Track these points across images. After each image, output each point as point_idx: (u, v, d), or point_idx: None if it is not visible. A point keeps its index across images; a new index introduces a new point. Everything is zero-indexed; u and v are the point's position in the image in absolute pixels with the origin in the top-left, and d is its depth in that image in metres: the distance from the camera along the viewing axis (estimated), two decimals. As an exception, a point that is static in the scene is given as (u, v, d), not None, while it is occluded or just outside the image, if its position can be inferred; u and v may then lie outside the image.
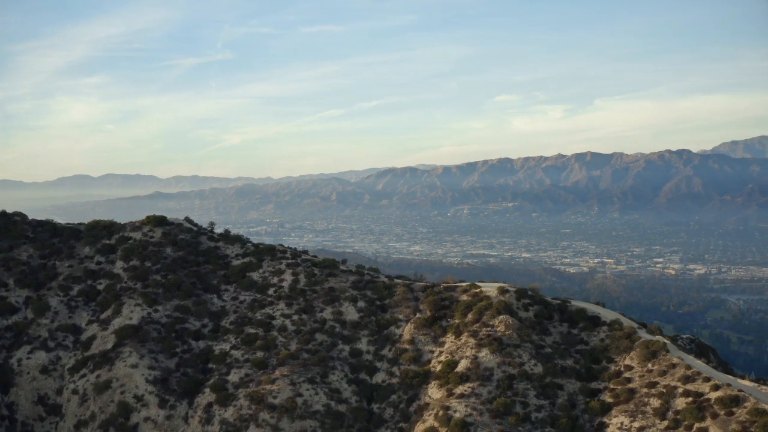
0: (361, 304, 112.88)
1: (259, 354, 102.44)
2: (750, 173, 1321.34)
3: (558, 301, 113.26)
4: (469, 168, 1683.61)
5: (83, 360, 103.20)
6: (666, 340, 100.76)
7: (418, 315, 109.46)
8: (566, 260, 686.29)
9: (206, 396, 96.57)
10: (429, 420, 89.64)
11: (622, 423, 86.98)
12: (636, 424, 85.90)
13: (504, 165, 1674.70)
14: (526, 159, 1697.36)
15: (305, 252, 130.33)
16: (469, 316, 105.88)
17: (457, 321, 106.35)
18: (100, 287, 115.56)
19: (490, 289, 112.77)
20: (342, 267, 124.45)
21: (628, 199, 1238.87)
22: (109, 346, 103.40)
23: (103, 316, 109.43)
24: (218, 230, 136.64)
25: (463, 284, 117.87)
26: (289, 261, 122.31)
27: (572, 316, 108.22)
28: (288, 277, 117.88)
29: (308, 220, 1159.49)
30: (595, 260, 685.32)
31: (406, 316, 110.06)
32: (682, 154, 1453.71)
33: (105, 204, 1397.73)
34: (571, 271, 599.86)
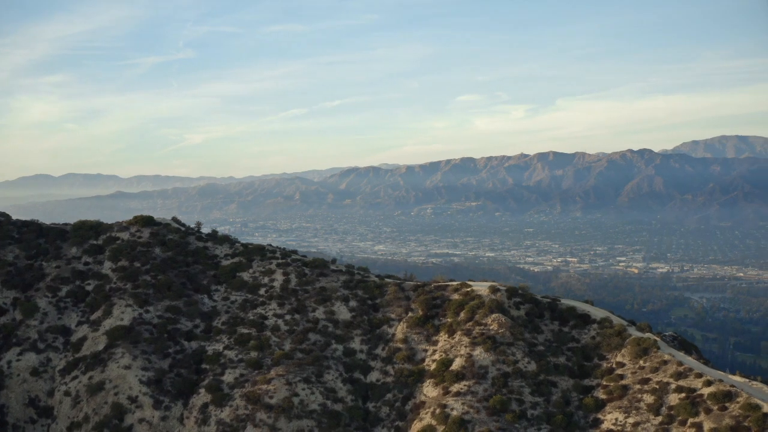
0: (352, 303, 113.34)
1: (253, 354, 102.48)
2: (711, 173, 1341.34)
3: (548, 300, 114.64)
4: (432, 167, 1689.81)
5: (74, 361, 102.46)
6: (656, 338, 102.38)
7: (410, 314, 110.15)
8: (530, 259, 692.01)
9: (201, 397, 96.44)
10: (426, 418, 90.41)
11: (616, 419, 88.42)
12: (631, 420, 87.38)
13: (467, 164, 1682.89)
14: (489, 158, 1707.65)
15: (294, 252, 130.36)
16: (462, 314, 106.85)
17: (449, 320, 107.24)
18: (89, 288, 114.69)
19: (481, 288, 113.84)
20: (332, 267, 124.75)
21: (591, 199, 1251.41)
22: (101, 347, 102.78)
23: (93, 317, 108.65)
24: None
25: (454, 283, 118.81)
26: (279, 261, 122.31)
27: (563, 314, 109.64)
28: (279, 277, 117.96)
29: (272, 219, 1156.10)
30: (559, 259, 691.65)
31: (398, 316, 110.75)
32: (644, 153, 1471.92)
33: (67, 204, 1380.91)
34: (535, 269, 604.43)
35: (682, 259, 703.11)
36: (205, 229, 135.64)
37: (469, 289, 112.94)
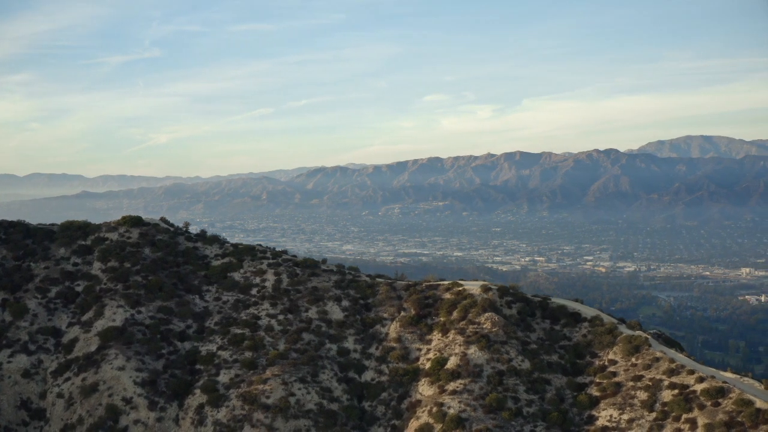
0: (345, 303, 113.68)
1: (248, 354, 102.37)
2: (676, 172, 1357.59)
3: (539, 299, 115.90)
4: (400, 167, 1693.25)
5: (66, 363, 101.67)
6: (647, 335, 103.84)
7: (402, 313, 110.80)
8: (498, 258, 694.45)
9: (197, 397, 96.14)
10: (423, 417, 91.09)
11: (611, 416, 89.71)
12: (625, 417, 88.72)
13: (434, 164, 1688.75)
14: (456, 158, 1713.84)
15: (284, 252, 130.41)
16: (455, 313, 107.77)
17: (442, 319, 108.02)
18: (79, 289, 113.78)
19: (472, 287, 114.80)
20: (323, 267, 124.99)
21: (557, 198, 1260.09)
22: (93, 348, 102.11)
23: (84, 318, 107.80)
24: None
25: (445, 282, 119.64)
26: (270, 261, 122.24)
27: (554, 313, 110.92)
28: (270, 277, 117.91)
29: (239, 219, 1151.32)
30: (527, 258, 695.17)
31: (390, 315, 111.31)
32: (610, 153, 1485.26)
33: (32, 204, 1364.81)
34: (504, 269, 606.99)
35: (649, 258, 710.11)
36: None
37: (460, 289, 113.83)
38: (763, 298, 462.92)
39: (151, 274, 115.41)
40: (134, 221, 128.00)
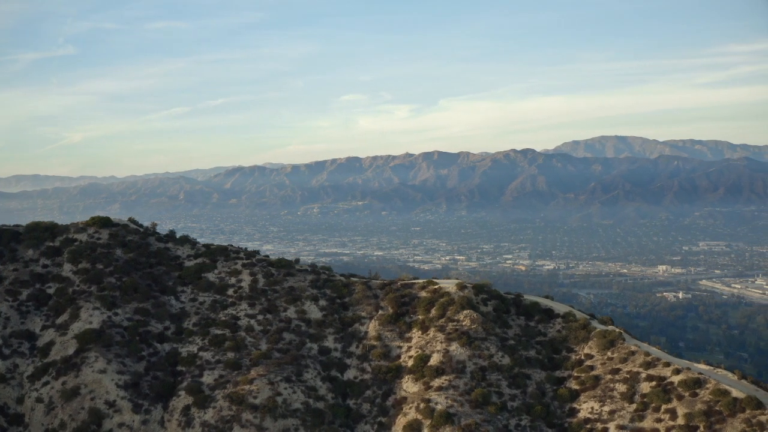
0: (322, 302, 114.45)
1: (230, 355, 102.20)
2: (592, 172, 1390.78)
3: (512, 296, 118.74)
4: (318, 167, 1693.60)
5: (43, 367, 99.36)
6: (620, 330, 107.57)
7: (380, 312, 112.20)
8: (419, 257, 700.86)
9: (182, 399, 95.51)
10: (411, 413, 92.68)
11: (592, 408, 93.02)
12: (606, 408, 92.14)
13: (353, 164, 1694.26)
14: (375, 158, 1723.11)
15: (257, 252, 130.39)
16: (433, 311, 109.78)
17: (421, 317, 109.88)
18: (50, 291, 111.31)
19: (448, 285, 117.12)
20: (297, 266, 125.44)
21: (476, 198, 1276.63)
22: (71, 351, 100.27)
23: (59, 320, 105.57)
24: None
25: (420, 281, 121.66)
26: (245, 261, 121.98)
27: (528, 309, 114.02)
28: (246, 278, 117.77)
29: (156, 219, 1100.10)
30: (447, 257, 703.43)
31: (368, 314, 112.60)
32: (527, 153, 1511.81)
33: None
34: (425, 268, 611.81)
35: (567, 256, 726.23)
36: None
37: (436, 287, 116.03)
38: (680, 295, 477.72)
39: (125, 276, 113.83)
40: (103, 222, 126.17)
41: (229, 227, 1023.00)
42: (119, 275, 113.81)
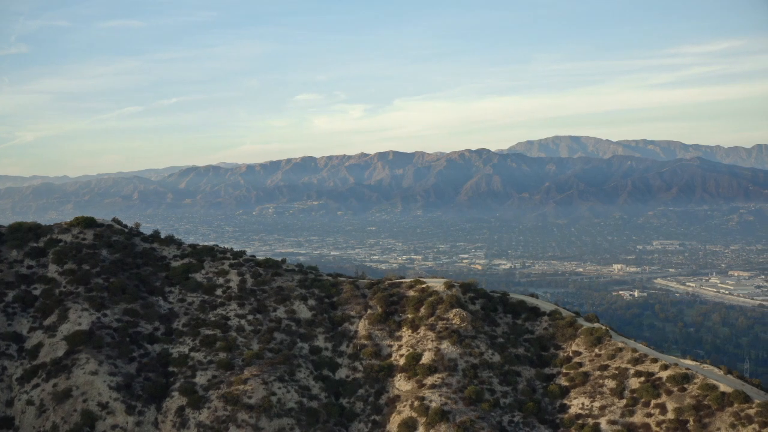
0: (311, 302, 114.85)
1: (222, 355, 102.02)
2: (546, 172, 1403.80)
3: (498, 294, 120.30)
4: (273, 166, 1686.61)
5: (33, 369, 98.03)
6: (606, 327, 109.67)
7: (369, 311, 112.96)
8: (375, 257, 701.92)
9: (175, 400, 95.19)
10: (405, 411, 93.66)
11: (583, 404, 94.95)
12: (597, 404, 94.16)
13: (308, 163, 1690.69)
14: (330, 158, 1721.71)
15: (243, 252, 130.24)
16: (422, 310, 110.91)
17: (410, 315, 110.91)
18: (36, 292, 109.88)
19: (436, 284, 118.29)
20: (284, 266, 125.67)
21: (431, 197, 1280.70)
22: (61, 353, 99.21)
23: (47, 322, 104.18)
24: None
25: (407, 280, 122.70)
26: (232, 261, 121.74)
27: (514, 308, 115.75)
28: (234, 278, 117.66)
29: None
30: (404, 257, 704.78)
31: (357, 313, 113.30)
32: (482, 153, 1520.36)
33: None
34: (382, 267, 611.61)
35: (523, 255, 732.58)
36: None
37: (424, 286, 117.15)
38: (636, 294, 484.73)
39: (112, 276, 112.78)
40: (87, 222, 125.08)
41: (184, 227, 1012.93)
42: (106, 276, 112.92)
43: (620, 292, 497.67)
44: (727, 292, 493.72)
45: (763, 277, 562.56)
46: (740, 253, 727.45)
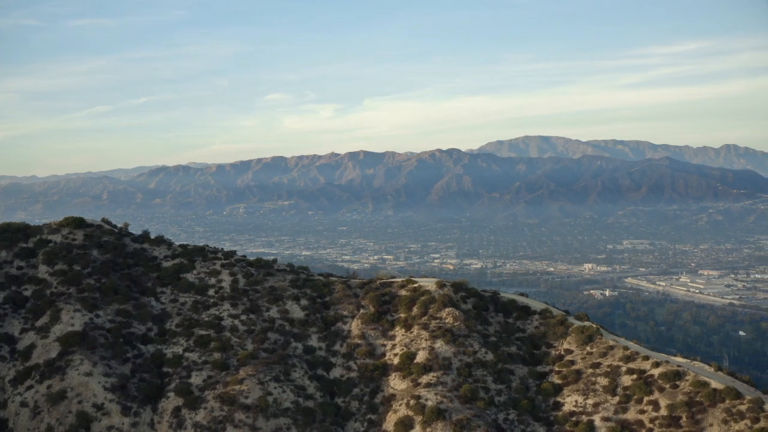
0: (304, 302, 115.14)
1: (217, 355, 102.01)
2: (517, 172, 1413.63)
3: (489, 293, 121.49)
4: (243, 166, 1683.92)
5: (26, 370, 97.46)
6: (597, 326, 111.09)
7: (362, 311, 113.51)
8: (347, 257, 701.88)
9: (171, 400, 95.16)
10: (401, 410, 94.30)
11: (576, 401, 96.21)
12: (590, 401, 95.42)
13: (278, 163, 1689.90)
14: (300, 157, 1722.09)
15: (234, 252, 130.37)
16: (415, 309, 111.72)
17: (403, 315, 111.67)
18: (27, 293, 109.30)
19: (427, 283, 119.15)
20: (276, 266, 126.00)
21: (402, 197, 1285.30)
22: (54, 354, 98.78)
23: (39, 323, 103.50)
24: None
25: (399, 279, 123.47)
26: (224, 261, 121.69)
27: (505, 307, 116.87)
28: (226, 278, 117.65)
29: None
30: (375, 257, 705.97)
31: (350, 313, 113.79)
32: (452, 153, 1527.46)
33: None
34: (354, 267, 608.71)
35: (494, 255, 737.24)
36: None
37: (416, 285, 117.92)
38: (607, 293, 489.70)
39: (104, 277, 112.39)
40: (77, 222, 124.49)
41: (154, 228, 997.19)
42: (98, 276, 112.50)
43: (591, 291, 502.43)
44: (697, 291, 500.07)
45: (732, 276, 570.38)
46: (710, 253, 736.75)
